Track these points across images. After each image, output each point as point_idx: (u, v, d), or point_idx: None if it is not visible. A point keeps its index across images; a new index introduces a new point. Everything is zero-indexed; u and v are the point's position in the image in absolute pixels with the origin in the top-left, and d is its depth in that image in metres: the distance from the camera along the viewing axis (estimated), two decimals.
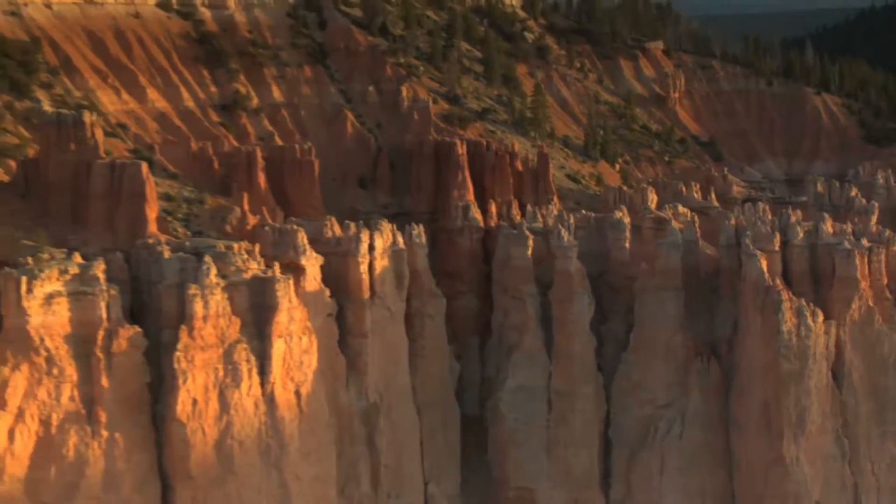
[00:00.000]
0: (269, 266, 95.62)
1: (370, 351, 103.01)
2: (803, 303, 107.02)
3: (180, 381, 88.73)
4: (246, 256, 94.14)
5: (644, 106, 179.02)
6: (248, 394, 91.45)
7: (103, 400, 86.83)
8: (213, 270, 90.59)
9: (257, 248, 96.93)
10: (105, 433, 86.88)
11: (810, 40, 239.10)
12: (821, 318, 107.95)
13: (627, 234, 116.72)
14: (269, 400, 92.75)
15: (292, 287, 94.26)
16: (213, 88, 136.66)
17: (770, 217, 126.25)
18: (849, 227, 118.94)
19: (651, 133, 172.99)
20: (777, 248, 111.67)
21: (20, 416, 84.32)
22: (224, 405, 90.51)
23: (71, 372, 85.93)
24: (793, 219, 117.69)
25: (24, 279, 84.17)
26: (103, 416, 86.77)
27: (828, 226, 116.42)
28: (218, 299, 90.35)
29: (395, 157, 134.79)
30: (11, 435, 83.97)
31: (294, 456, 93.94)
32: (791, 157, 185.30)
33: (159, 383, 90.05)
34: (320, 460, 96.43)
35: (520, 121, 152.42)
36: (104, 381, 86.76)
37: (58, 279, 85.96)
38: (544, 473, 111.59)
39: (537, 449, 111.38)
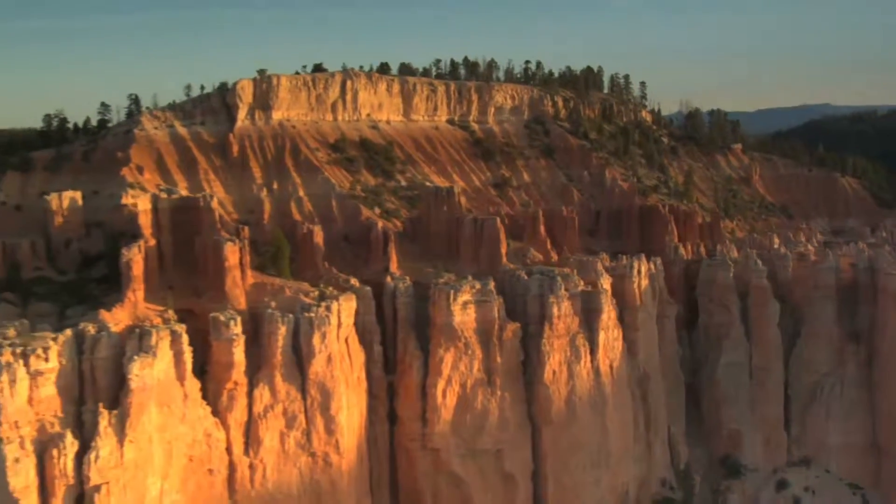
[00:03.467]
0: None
1: (640, 339, 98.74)
2: None
3: (546, 359, 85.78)
4: (577, 277, 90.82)
5: (737, 184, 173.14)
6: (584, 367, 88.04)
7: (497, 371, 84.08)
8: (563, 285, 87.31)
9: (574, 272, 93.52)
10: (499, 392, 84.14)
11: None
12: None
13: (790, 262, 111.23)
14: (596, 371, 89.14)
15: (609, 297, 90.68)
16: (488, 173, 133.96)
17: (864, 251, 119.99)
18: None
19: (747, 201, 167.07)
20: None
21: (449, 381, 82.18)
22: (570, 374, 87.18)
23: (478, 352, 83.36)
24: None
25: (451, 292, 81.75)
26: (498, 381, 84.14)
27: None
28: (566, 304, 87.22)
29: (607, 216, 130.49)
30: (444, 393, 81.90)
31: (610, 408, 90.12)
32: (831, 217, 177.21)
33: (527, 360, 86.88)
34: (624, 411, 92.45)
35: (675, 192, 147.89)
36: (498, 359, 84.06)
37: (468, 292, 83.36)
38: (747, 420, 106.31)
39: (743, 404, 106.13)
